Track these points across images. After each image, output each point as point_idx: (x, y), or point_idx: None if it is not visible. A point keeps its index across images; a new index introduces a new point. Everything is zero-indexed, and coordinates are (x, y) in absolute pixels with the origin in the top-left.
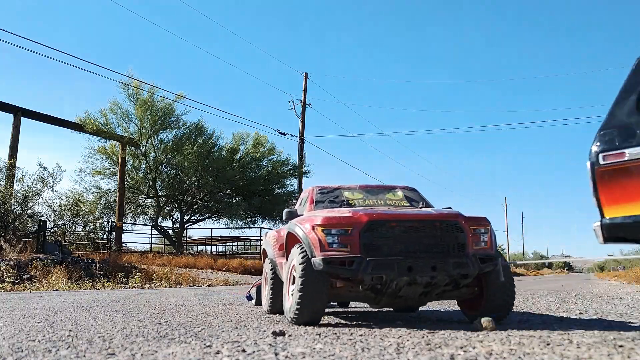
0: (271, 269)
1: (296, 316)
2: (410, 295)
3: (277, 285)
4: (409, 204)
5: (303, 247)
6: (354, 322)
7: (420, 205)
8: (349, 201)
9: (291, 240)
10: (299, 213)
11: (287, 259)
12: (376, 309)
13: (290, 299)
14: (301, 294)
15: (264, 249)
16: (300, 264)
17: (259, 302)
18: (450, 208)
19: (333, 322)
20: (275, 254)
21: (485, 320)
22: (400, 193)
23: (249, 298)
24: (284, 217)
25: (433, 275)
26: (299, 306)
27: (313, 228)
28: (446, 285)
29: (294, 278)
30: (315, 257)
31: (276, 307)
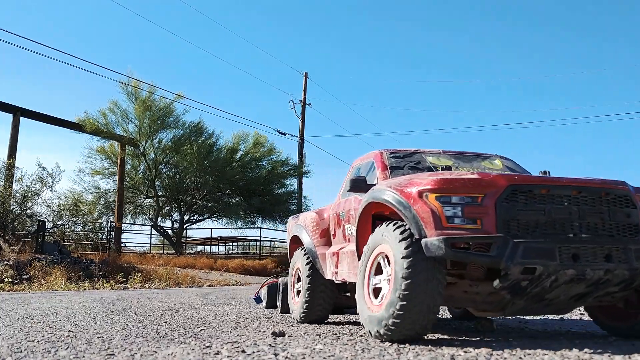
0: (307, 263)
1: (394, 327)
2: (560, 299)
3: (317, 285)
4: None
5: (401, 224)
6: (354, 323)
7: None
8: (437, 168)
9: (366, 217)
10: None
11: (356, 245)
12: None
13: (377, 304)
14: (407, 292)
15: (293, 237)
16: (403, 249)
17: (271, 305)
18: None
19: (332, 322)
20: (315, 242)
21: (485, 321)
22: (498, 162)
23: (258, 300)
24: (349, 187)
25: (608, 268)
26: (402, 312)
27: (420, 194)
28: (616, 284)
29: (378, 271)
30: (427, 237)
31: (315, 313)
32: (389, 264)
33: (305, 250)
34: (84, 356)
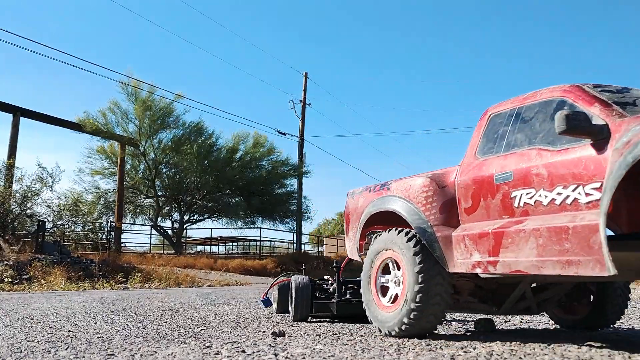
0: (418, 249)
1: None
2: None
3: (433, 282)
4: None
5: None
6: (354, 323)
7: None
8: None
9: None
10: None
11: (602, 209)
12: None
13: None
14: None
15: (373, 216)
16: None
17: (283, 310)
18: None
19: (332, 322)
20: (431, 220)
21: (486, 321)
22: None
23: (267, 303)
24: (563, 126)
25: None
26: None
27: None
28: None
29: None
30: None
31: (425, 322)
32: None
33: (411, 233)
34: (84, 356)
